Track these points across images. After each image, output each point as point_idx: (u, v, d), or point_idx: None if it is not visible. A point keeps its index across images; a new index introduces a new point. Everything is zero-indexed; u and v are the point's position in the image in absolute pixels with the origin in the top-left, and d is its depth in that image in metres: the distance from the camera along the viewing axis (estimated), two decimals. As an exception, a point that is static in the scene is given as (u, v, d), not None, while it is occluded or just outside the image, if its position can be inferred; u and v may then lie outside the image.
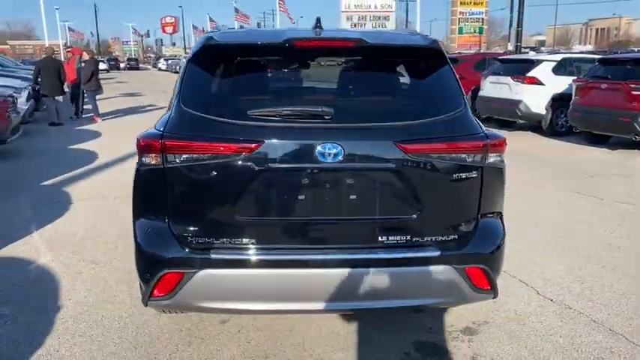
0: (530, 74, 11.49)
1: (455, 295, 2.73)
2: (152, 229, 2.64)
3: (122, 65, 62.78)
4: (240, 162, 2.50)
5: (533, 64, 11.77)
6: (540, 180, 7.57)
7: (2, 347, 3.14)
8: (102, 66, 44.39)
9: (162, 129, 2.57)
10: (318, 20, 2.94)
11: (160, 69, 59.18)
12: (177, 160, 2.51)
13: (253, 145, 2.48)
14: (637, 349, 3.18)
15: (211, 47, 2.80)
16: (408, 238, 2.64)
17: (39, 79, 12.58)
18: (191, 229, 2.59)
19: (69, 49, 17.01)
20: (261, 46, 2.82)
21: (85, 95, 14.55)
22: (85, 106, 14.95)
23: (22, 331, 3.32)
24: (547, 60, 11.94)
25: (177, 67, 40.90)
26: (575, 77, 10.80)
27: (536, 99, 11.38)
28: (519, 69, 11.86)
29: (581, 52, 17.08)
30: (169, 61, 55.58)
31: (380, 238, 2.62)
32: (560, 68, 11.63)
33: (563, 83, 11.16)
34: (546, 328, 3.42)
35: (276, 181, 2.56)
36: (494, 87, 12.19)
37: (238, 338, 3.26)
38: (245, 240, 2.57)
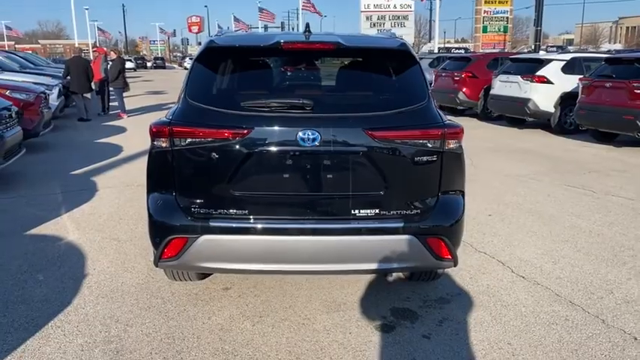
0: (539, 73, 11.78)
1: (418, 262, 3.18)
2: (161, 201, 3.15)
3: (149, 64, 64.16)
4: (234, 145, 2.99)
5: (542, 63, 12.05)
6: (539, 174, 7.91)
7: (37, 304, 3.69)
8: (129, 65, 45.63)
9: (170, 118, 3.08)
10: (307, 26, 3.42)
11: (185, 68, 60.06)
12: (183, 144, 3.02)
13: (245, 131, 2.97)
14: (589, 317, 3.57)
15: (213, 49, 3.31)
16: (377, 211, 3.09)
17: (68, 77, 13.34)
18: (194, 201, 3.09)
19: (95, 49, 17.79)
20: (255, 47, 3.32)
21: (112, 92, 15.28)
22: (112, 103, 15.69)
23: (54, 292, 3.87)
24: (556, 59, 12.20)
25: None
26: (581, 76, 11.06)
27: (545, 97, 11.67)
28: (529, 68, 12.16)
29: (609, 51, 17.14)
30: (194, 60, 56.46)
31: (353, 211, 3.09)
32: (570, 67, 11.88)
33: (572, 82, 11.41)
34: (512, 300, 3.83)
35: (264, 162, 3.05)
36: (505, 86, 12.50)
37: (238, 301, 3.75)
38: (239, 211, 3.06)
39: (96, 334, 3.31)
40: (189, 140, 3.01)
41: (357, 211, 3.08)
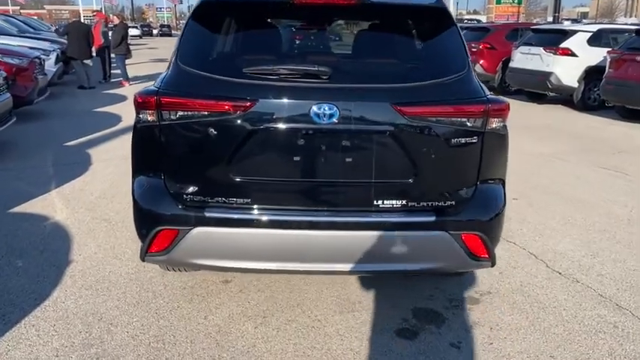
0: (563, 45, 11.10)
1: (450, 262, 2.70)
2: (148, 186, 2.67)
3: (155, 32, 63.12)
4: (234, 120, 2.48)
5: (567, 34, 11.35)
6: (565, 154, 7.37)
7: (11, 296, 3.25)
8: (134, 32, 44.79)
9: (158, 86, 2.58)
10: None
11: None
12: (173, 117, 2.52)
13: (248, 104, 2.46)
14: (642, 324, 3.11)
15: (210, 3, 2.77)
16: (404, 202, 2.60)
17: (66, 39, 12.79)
18: (186, 187, 2.61)
19: (94, 14, 17.17)
20: (261, 2, 2.77)
21: (114, 59, 14.69)
22: (114, 71, 15.12)
23: (32, 281, 3.43)
24: (582, 30, 11.49)
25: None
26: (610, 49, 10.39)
27: (568, 71, 11.01)
28: (552, 39, 11.47)
29: (625, 25, 16.32)
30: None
31: (375, 202, 2.59)
32: (596, 39, 11.18)
33: (597, 55, 10.73)
34: (550, 300, 3.36)
35: (270, 142, 2.54)
36: (525, 58, 11.82)
37: (239, 297, 3.30)
38: (239, 199, 2.58)
39: (74, 335, 2.88)
40: (180, 113, 2.50)
41: (380, 202, 2.59)
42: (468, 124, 2.55)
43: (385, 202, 2.59)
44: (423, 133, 2.53)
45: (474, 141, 2.57)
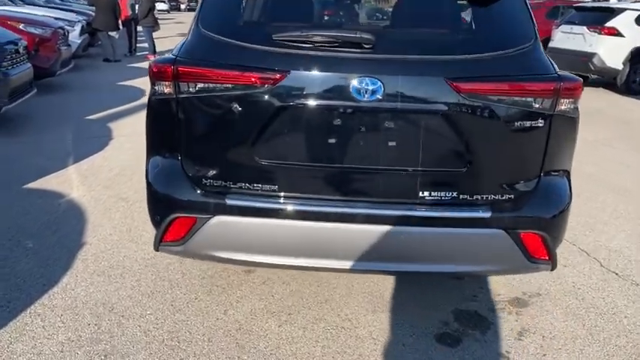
0: (609, 24, 10.43)
1: (506, 264, 2.35)
2: (164, 167, 2.37)
3: (183, 7, 62.72)
4: (262, 95, 2.15)
5: (613, 12, 10.65)
6: (611, 140, 6.88)
7: (18, 280, 3.02)
8: (162, 7, 44.50)
9: (176, 54, 2.25)
10: None
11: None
12: (191, 90, 2.19)
13: (278, 76, 2.13)
14: None
15: None
16: (455, 195, 2.25)
17: (93, 11, 12.58)
18: (205, 170, 2.30)
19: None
20: None
21: (141, 32, 14.43)
22: (140, 44, 14.88)
23: (42, 265, 3.20)
24: (630, 9, 10.78)
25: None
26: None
27: (612, 52, 10.36)
28: (597, 18, 10.79)
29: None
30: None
31: (421, 193, 2.25)
32: (646, 18, 10.49)
33: (646, 35, 10.08)
34: (609, 306, 3.00)
35: (302, 120, 2.21)
36: (567, 37, 11.18)
37: (262, 290, 3.02)
38: (265, 186, 2.26)
39: (82, 328, 2.63)
40: (200, 85, 2.18)
41: (426, 194, 2.24)
42: (535, 104, 2.18)
43: (433, 193, 2.24)
44: (480, 114, 2.16)
45: (540, 125, 2.20)
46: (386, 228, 2.22)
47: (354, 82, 2.10)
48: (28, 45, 6.96)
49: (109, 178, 4.76)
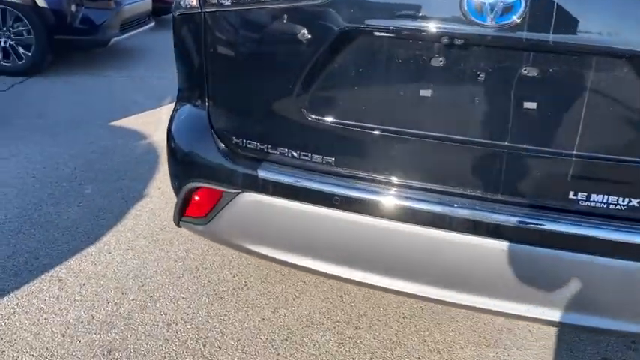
0: None
1: None
2: (187, 116, 1.70)
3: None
4: (318, 12, 1.35)
5: None
6: None
7: (56, 232, 2.61)
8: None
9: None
10: None
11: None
12: (222, 2, 1.45)
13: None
14: None
15: None
16: (634, 203, 1.30)
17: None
18: (238, 123, 1.58)
19: None
20: None
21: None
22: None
23: (90, 218, 2.76)
24: None
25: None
26: None
27: None
28: None
29: None
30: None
31: (574, 195, 1.33)
32: None
33: None
34: None
35: (380, 57, 1.37)
36: None
37: (329, 286, 2.31)
38: (316, 156, 1.48)
39: (99, 307, 2.12)
40: None
41: (583, 196, 1.32)
42: None
43: (595, 196, 1.31)
44: None
45: None
46: (508, 246, 1.35)
47: (473, -7, 1.21)
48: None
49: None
